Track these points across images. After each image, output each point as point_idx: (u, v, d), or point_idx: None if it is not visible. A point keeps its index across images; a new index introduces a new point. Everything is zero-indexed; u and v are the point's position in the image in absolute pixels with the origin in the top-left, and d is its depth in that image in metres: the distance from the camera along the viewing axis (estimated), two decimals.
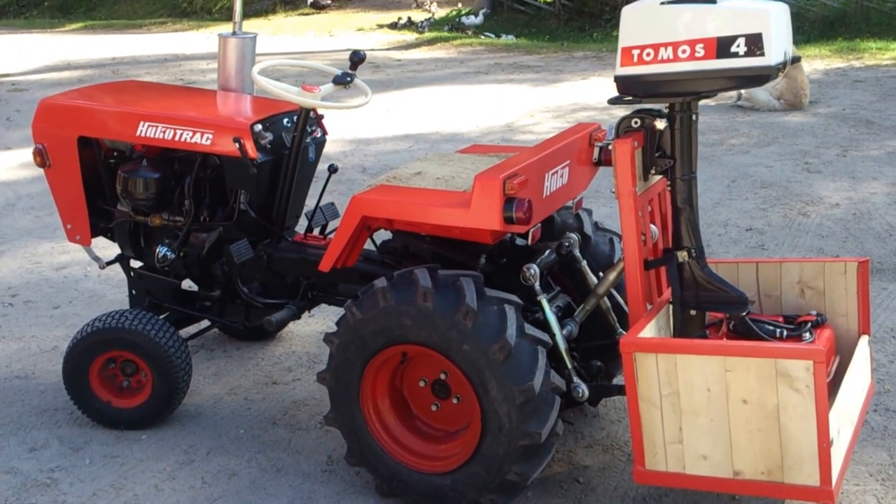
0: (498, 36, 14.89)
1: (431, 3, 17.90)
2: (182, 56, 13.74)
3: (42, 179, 3.65)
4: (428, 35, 15.54)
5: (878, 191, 6.04)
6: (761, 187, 6.22)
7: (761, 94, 8.46)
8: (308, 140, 3.38)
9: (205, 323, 3.80)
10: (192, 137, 3.24)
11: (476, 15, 16.13)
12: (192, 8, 20.23)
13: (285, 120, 3.37)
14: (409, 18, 16.67)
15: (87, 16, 21.37)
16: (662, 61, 2.46)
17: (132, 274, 3.65)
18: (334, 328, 2.88)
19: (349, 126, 8.38)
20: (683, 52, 2.43)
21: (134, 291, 3.66)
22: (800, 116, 8.26)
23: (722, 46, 2.40)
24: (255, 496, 3.02)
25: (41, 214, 6.01)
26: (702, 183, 6.26)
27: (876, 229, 5.33)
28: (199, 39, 16.09)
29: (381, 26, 16.69)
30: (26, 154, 7.51)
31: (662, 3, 2.47)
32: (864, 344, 3.03)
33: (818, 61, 10.97)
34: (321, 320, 4.22)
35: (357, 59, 3.30)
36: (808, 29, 12.81)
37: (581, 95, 9.65)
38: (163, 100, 3.65)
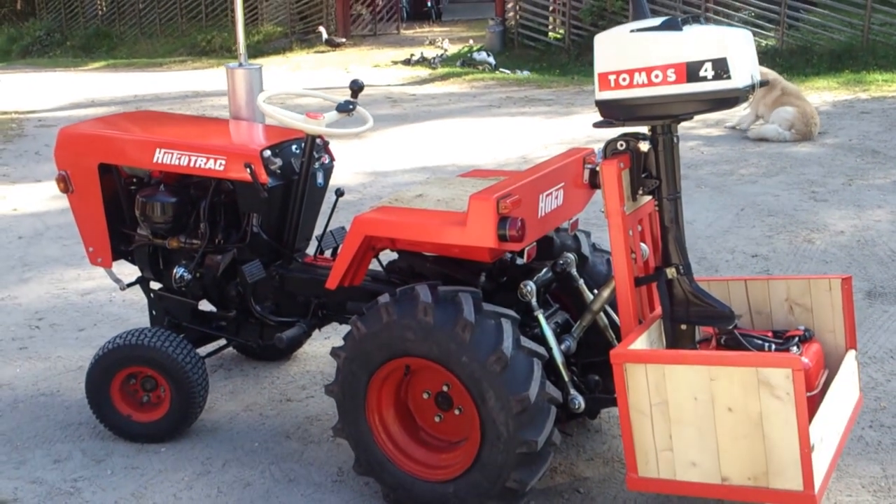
0: (513, 72, 15.14)
1: (443, 40, 18.26)
2: (202, 93, 14.08)
3: (70, 211, 3.85)
4: (441, 70, 15.83)
5: (883, 218, 6.14)
6: (768, 215, 6.34)
7: (770, 129, 8.64)
8: (316, 166, 3.56)
9: (222, 342, 3.96)
10: (205, 164, 3.43)
11: (488, 52, 16.45)
12: (210, 47, 20.65)
13: (294, 146, 3.55)
14: (422, 55, 17.02)
15: (108, 55, 21.89)
16: (638, 86, 2.61)
17: (151, 295, 3.83)
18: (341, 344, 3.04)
19: (368, 158, 8.59)
20: (656, 76, 2.58)
21: (153, 311, 3.84)
22: (807, 147, 8.39)
23: (691, 71, 2.55)
24: None
25: (69, 243, 6.23)
26: (712, 211, 6.43)
27: (879, 255, 5.43)
28: (219, 76, 16.43)
29: (395, 62, 17.03)
30: (55, 187, 7.83)
31: (632, 31, 2.63)
32: (850, 358, 3.13)
33: (826, 93, 11.10)
34: (336, 341, 4.38)
35: (356, 87, 3.50)
36: (816, 62, 12.96)
37: (593, 129, 9.84)
38: (177, 128, 3.85)
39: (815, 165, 7.66)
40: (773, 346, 3.00)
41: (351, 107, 3.42)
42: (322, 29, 19.30)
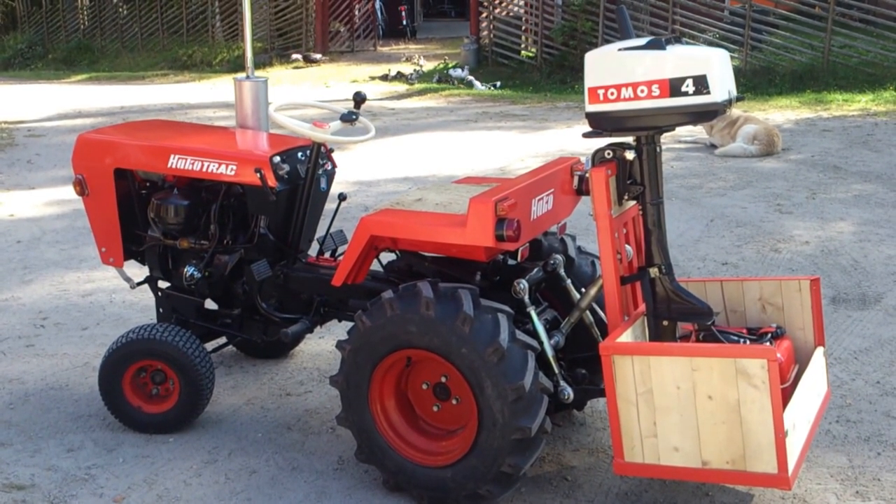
0: (489, 87, 15.44)
1: (419, 56, 18.57)
2: (187, 105, 14.20)
3: (65, 216, 4.03)
4: (418, 86, 16.12)
5: (845, 230, 6.43)
6: (737, 226, 6.61)
7: (735, 147, 9.04)
8: (320, 172, 3.77)
9: (221, 341, 4.12)
10: (217, 168, 3.63)
11: (462, 68, 16.79)
12: (191, 61, 20.78)
13: (300, 153, 3.76)
14: (399, 71, 17.31)
15: (90, 68, 21.94)
16: (625, 100, 2.83)
17: (160, 293, 4.01)
18: (345, 337, 3.23)
19: (353, 168, 8.79)
20: (642, 91, 2.80)
21: (161, 309, 4.01)
22: (772, 162, 8.72)
23: (674, 87, 2.77)
24: (273, 490, 3.34)
25: (66, 247, 6.38)
26: (683, 222, 6.70)
27: (842, 264, 5.70)
28: (202, 90, 16.57)
29: (372, 78, 17.29)
30: (49, 193, 8.04)
31: (620, 50, 2.85)
32: (819, 354, 3.35)
33: (789, 112, 11.50)
34: (330, 340, 4.57)
35: (360, 98, 3.71)
36: (779, 82, 13.37)
37: (567, 142, 10.12)
38: (190, 136, 4.04)
39: (780, 180, 7.98)
40: (748, 342, 3.20)
41: (354, 117, 3.63)
42: (301, 45, 19.52)
